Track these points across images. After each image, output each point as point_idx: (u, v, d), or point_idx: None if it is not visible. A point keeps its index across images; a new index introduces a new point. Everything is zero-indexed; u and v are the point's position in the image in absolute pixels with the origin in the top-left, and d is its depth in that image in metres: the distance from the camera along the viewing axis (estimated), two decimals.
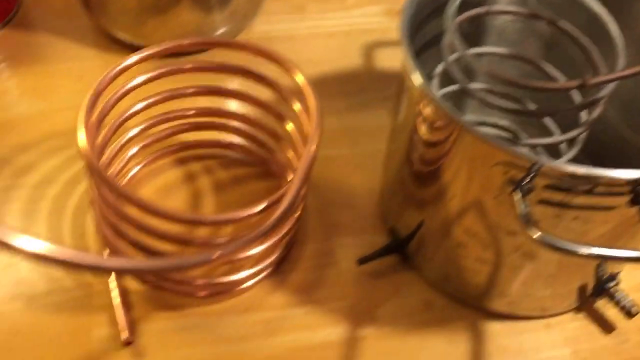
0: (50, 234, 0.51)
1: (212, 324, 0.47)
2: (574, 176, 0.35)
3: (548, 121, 0.51)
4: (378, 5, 0.72)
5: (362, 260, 0.49)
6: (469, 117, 0.57)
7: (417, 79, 0.40)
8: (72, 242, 0.50)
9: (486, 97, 0.42)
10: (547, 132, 0.52)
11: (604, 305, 0.49)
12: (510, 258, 0.43)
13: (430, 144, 0.42)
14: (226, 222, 0.44)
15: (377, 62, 0.67)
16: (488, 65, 0.40)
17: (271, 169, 0.55)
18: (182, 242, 0.44)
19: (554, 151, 0.50)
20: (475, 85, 0.48)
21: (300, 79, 0.48)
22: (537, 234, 0.35)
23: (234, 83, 0.56)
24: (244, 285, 0.48)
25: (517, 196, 0.37)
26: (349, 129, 0.60)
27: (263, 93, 0.52)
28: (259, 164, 0.56)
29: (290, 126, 0.51)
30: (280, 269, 0.50)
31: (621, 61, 0.42)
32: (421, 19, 0.46)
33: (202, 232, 0.52)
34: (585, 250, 0.35)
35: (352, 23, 0.70)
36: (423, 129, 0.42)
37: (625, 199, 0.37)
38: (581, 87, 0.39)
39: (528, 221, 0.35)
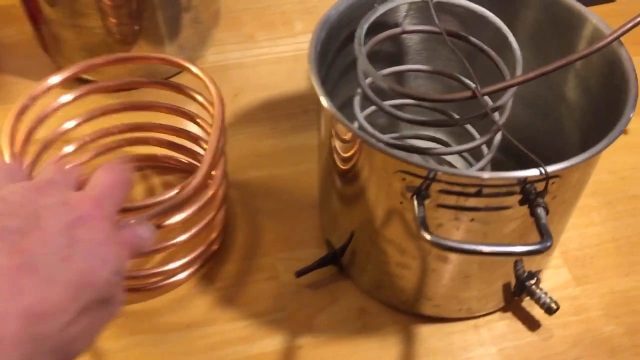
0: None
1: (158, 340, 0.49)
2: (456, 179, 0.38)
3: (470, 129, 0.54)
4: None
5: (300, 273, 0.52)
6: (406, 132, 0.59)
7: (324, 101, 0.42)
8: None
9: (396, 113, 0.45)
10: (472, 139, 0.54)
11: (530, 304, 0.50)
12: (425, 261, 0.45)
13: (344, 159, 0.44)
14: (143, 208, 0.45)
15: None
16: (389, 82, 0.42)
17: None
18: None
19: (479, 155, 0.51)
20: (392, 102, 0.50)
21: (195, 70, 0.52)
22: (429, 236, 0.37)
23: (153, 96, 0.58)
24: (175, 279, 0.51)
25: (415, 201, 0.39)
26: (292, 149, 0.63)
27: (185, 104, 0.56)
28: (188, 170, 0.60)
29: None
30: (223, 285, 0.52)
31: (519, 69, 0.45)
32: (343, 38, 0.48)
33: None
34: (471, 247, 0.37)
35: (300, 48, 0.73)
36: (337, 145, 0.44)
37: (517, 198, 0.39)
38: (473, 97, 0.41)
39: (422, 224, 0.38)
